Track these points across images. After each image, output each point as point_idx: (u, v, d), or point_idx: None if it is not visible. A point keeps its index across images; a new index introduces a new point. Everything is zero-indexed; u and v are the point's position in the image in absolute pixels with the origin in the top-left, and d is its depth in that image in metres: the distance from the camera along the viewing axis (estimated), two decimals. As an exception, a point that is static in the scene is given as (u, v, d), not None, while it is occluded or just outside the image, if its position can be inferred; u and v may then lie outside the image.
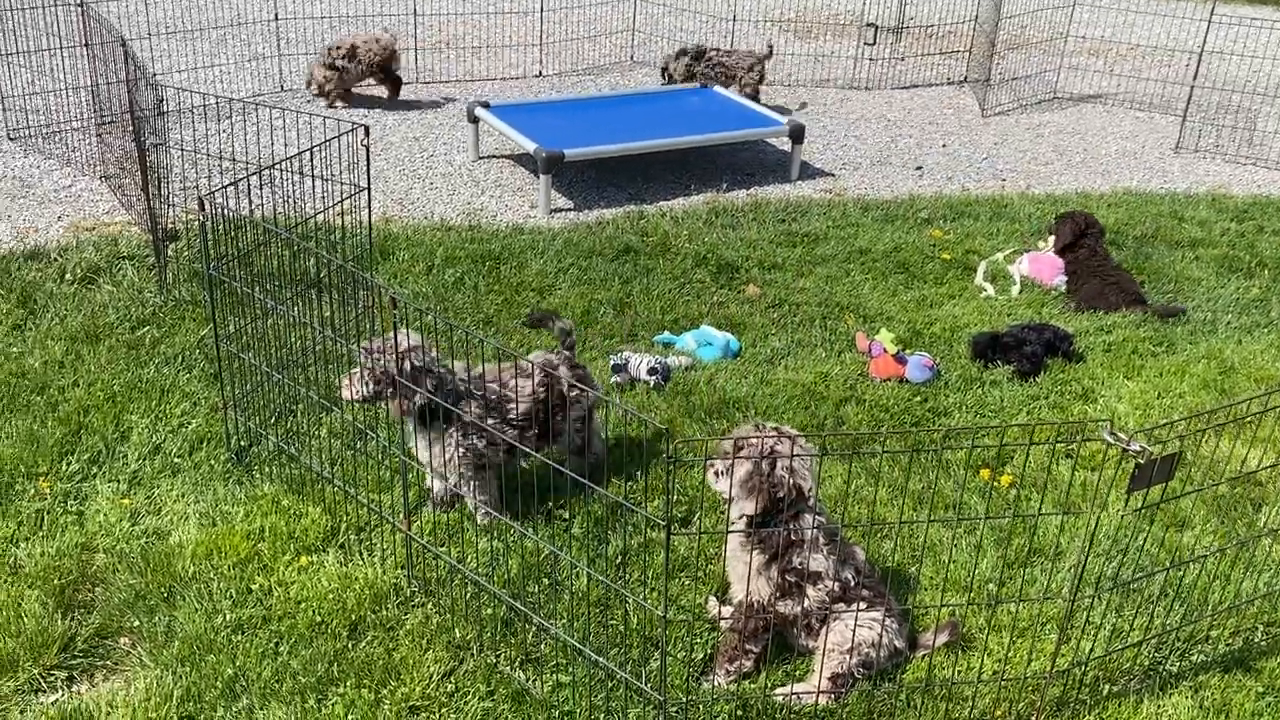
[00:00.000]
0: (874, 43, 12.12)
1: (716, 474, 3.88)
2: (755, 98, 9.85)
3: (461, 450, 4.42)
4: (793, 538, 3.79)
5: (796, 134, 8.76)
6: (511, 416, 4.50)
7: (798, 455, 3.77)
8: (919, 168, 9.36)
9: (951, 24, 12.63)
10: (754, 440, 3.80)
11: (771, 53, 10.27)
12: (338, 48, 9.57)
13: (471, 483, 4.51)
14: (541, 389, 4.58)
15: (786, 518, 3.79)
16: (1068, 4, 11.53)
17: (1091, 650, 3.95)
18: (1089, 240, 7.20)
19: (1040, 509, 4.75)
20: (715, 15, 12.23)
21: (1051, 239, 7.41)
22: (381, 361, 4.28)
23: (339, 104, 9.63)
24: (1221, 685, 3.97)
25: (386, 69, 9.82)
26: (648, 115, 9.03)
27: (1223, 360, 6.19)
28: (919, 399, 5.69)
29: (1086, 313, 6.77)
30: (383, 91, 10.07)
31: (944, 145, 9.94)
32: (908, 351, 6.02)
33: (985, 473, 5.07)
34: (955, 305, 6.81)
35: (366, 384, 4.36)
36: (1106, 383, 5.95)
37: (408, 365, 4.25)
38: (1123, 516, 4.61)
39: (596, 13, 12.02)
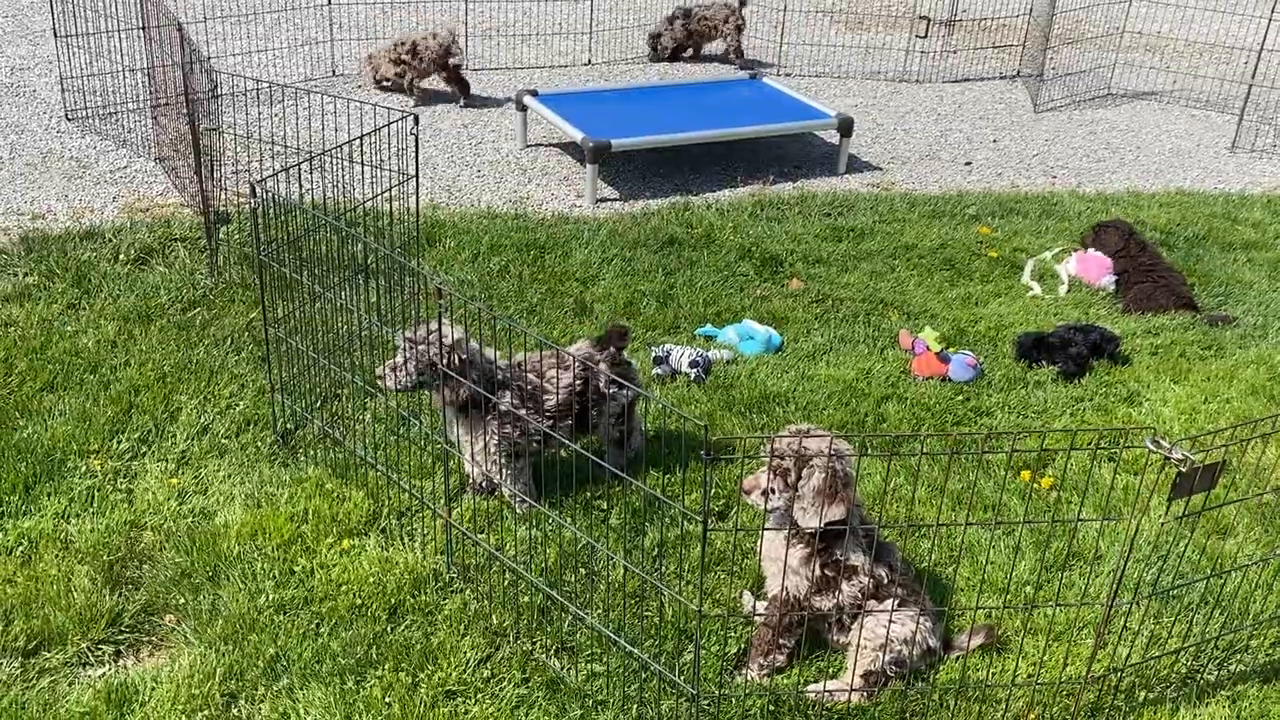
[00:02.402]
0: (926, 35, 12.03)
1: (765, 493, 3.77)
2: (740, 51, 10.54)
3: (497, 439, 4.47)
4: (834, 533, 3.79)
5: (845, 127, 8.72)
6: (546, 407, 4.54)
7: (845, 455, 3.77)
8: (968, 163, 9.29)
9: (1005, 17, 12.50)
10: (809, 443, 3.73)
11: (745, 1, 10.79)
12: (401, 44, 9.62)
13: (505, 471, 4.56)
14: (579, 382, 4.61)
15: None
16: (1125, -1, 11.38)
17: (1128, 657, 3.93)
18: (1132, 248, 7.10)
19: (1080, 513, 4.71)
20: (766, 5, 12.17)
21: (1089, 251, 7.28)
22: (426, 353, 4.33)
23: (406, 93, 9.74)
24: (1260, 696, 3.94)
25: (446, 65, 9.76)
26: (696, 106, 9.02)
27: (1272, 366, 6.10)
28: (961, 398, 5.66)
29: (1135, 315, 6.70)
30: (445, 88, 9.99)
31: (994, 140, 9.86)
32: (951, 350, 5.99)
33: (1026, 474, 5.04)
34: (1001, 304, 6.77)
35: (410, 375, 4.41)
36: (1153, 386, 5.89)
37: (455, 359, 4.30)
38: (1164, 523, 4.57)
39: (646, 1, 12.00)
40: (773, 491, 3.76)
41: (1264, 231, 8.05)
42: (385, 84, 9.81)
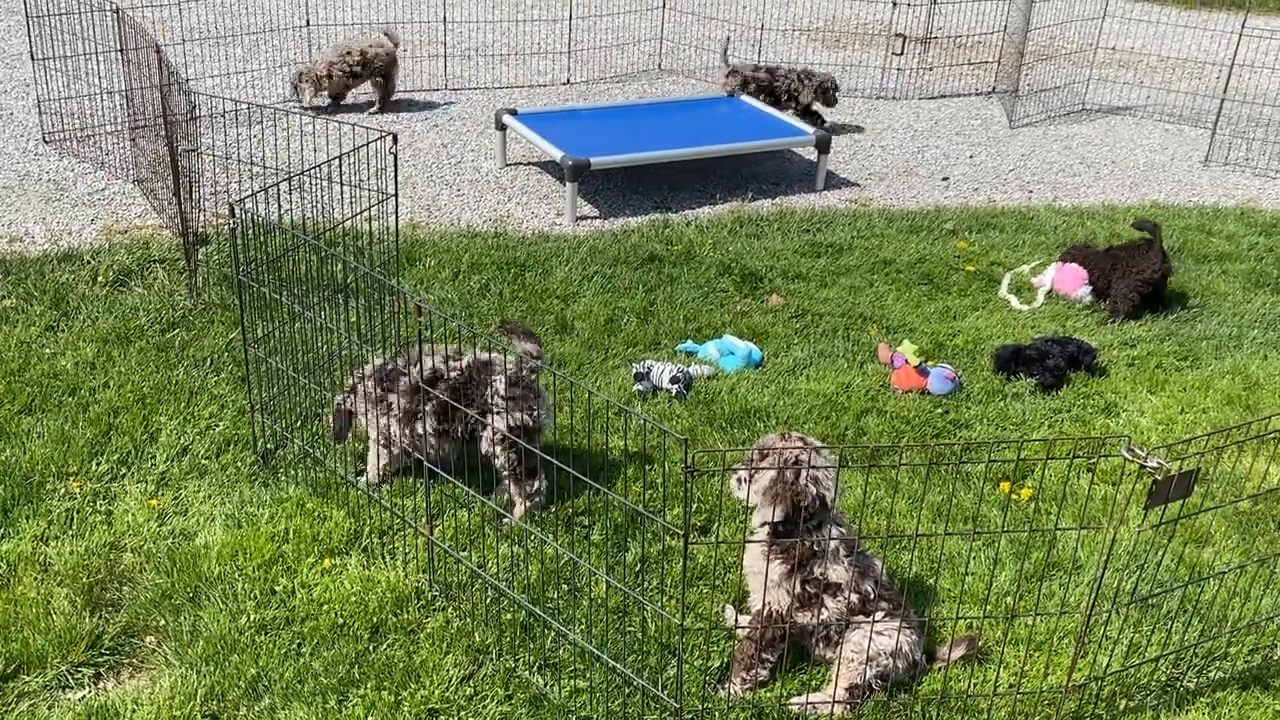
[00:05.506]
0: (902, 53, 12.12)
1: (739, 481, 3.91)
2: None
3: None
4: (813, 548, 3.82)
5: (823, 144, 8.78)
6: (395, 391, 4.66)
7: (821, 465, 3.80)
8: (945, 178, 9.36)
9: (980, 34, 12.62)
10: (779, 448, 3.83)
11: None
12: (349, 53, 9.57)
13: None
14: (454, 375, 4.61)
15: (807, 528, 3.82)
16: (1097, 15, 11.50)
17: (1108, 665, 3.95)
18: (1087, 254, 7.18)
19: (1058, 523, 4.75)
20: (743, 24, 12.26)
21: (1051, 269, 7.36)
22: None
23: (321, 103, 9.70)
24: (1239, 702, 3.97)
25: (387, 74, 9.82)
26: (674, 124, 9.07)
27: (1247, 376, 6.16)
28: (940, 411, 5.69)
29: (1124, 320, 6.76)
30: (371, 94, 9.98)
31: (971, 156, 9.94)
32: (930, 363, 6.03)
33: (1005, 486, 5.08)
34: (979, 317, 6.81)
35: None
36: (1130, 397, 5.93)
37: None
38: (1141, 531, 4.60)
39: (624, 21, 12.07)
40: (740, 482, 3.90)
41: (1237, 244, 8.14)
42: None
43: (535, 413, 4.62)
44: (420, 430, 4.61)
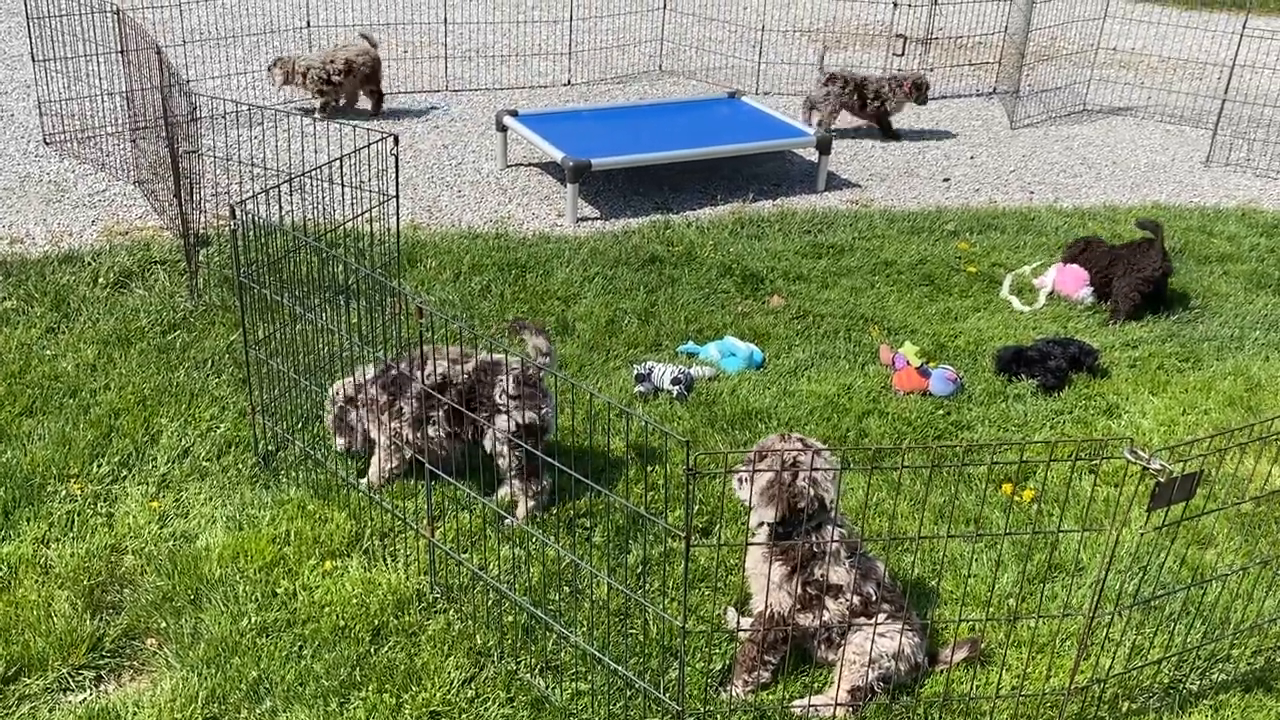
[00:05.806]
0: (903, 54, 12.11)
1: (740, 481, 3.91)
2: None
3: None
4: (814, 550, 3.82)
5: (823, 144, 8.77)
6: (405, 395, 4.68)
7: (819, 466, 3.79)
8: (946, 179, 9.35)
9: (981, 35, 12.61)
10: (777, 449, 3.83)
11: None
12: (332, 61, 9.51)
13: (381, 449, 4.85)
14: (441, 376, 4.59)
15: (807, 529, 3.82)
16: (1098, 16, 11.49)
17: (1111, 667, 3.94)
18: (1090, 253, 7.17)
19: (1061, 525, 4.74)
20: (744, 25, 12.26)
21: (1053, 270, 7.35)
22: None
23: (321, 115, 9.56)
24: (1242, 704, 3.96)
25: (375, 78, 9.76)
26: (675, 125, 9.06)
27: (1249, 377, 6.16)
28: (942, 412, 5.69)
29: (1125, 320, 6.75)
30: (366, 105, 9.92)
31: (972, 157, 9.93)
32: (931, 364, 6.02)
33: (1008, 487, 5.07)
34: (980, 318, 6.81)
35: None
36: (1131, 398, 5.93)
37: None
38: (1144, 533, 4.59)
39: (625, 22, 12.07)
40: (741, 482, 3.91)
41: (1239, 245, 8.13)
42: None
43: (542, 411, 4.63)
44: (431, 433, 4.62)
